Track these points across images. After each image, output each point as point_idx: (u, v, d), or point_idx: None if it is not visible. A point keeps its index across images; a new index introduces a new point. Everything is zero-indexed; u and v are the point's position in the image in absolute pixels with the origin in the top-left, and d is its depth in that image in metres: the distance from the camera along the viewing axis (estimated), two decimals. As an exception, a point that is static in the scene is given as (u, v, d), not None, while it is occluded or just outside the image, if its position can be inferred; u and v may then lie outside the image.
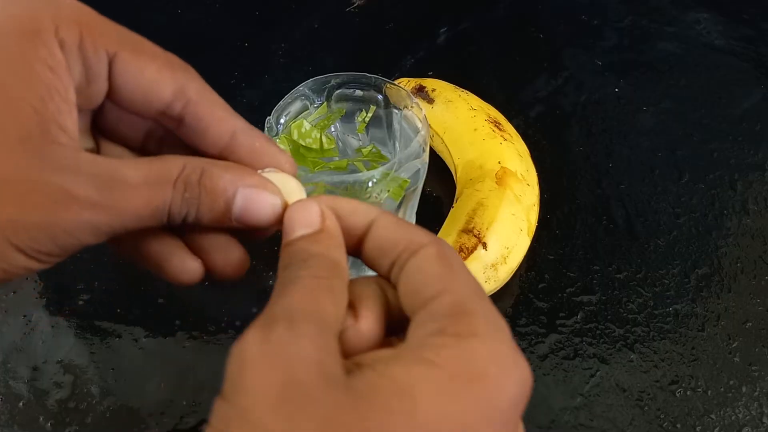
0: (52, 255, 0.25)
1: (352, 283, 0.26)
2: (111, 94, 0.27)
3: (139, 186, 0.25)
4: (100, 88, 0.27)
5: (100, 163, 0.25)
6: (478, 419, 0.22)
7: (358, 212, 0.27)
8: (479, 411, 0.22)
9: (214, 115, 0.28)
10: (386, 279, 0.27)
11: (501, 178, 0.48)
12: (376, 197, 0.38)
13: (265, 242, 0.52)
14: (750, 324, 0.47)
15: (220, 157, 0.28)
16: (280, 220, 0.28)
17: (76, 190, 0.24)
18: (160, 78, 0.27)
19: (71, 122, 0.25)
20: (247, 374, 0.22)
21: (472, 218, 0.46)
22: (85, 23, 0.26)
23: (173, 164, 0.26)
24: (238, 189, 0.27)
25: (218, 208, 0.27)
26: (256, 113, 0.61)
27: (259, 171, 0.28)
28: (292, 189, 0.28)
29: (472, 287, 0.25)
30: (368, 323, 0.25)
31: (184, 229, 0.29)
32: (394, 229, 0.27)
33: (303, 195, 0.29)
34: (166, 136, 0.30)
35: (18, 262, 0.25)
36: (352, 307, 0.26)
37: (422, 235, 0.26)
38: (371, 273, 0.28)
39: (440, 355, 0.23)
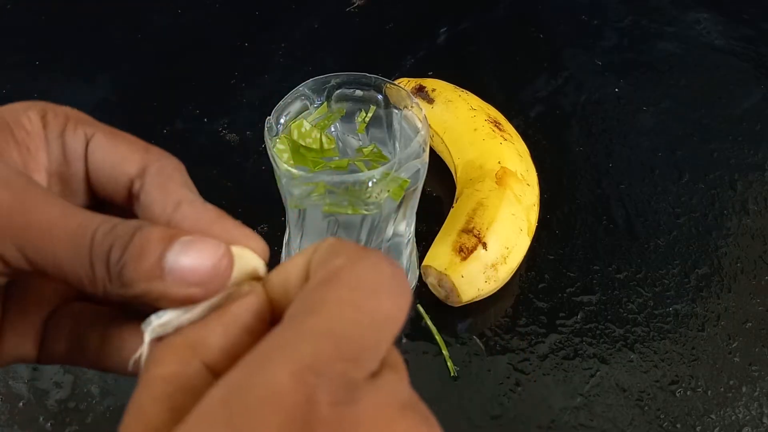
0: None
1: None
2: (87, 175, 0.27)
3: (60, 213, 0.23)
4: (78, 169, 0.27)
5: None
6: None
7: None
8: None
9: (163, 187, 0.26)
10: None
11: (501, 178, 0.48)
12: (376, 197, 0.38)
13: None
14: (750, 324, 0.47)
15: (161, 217, 0.25)
16: (221, 281, 0.23)
17: None
18: (129, 155, 0.27)
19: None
20: None
21: (472, 218, 0.46)
22: (72, 114, 0.27)
23: (97, 217, 0.23)
24: (174, 240, 0.23)
25: (144, 266, 0.22)
26: (256, 113, 0.61)
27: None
28: (246, 265, 0.24)
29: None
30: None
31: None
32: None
33: (260, 270, 0.25)
34: None
35: None
36: None
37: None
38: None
39: None
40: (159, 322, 0.23)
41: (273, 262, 0.50)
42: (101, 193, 0.27)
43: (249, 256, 0.24)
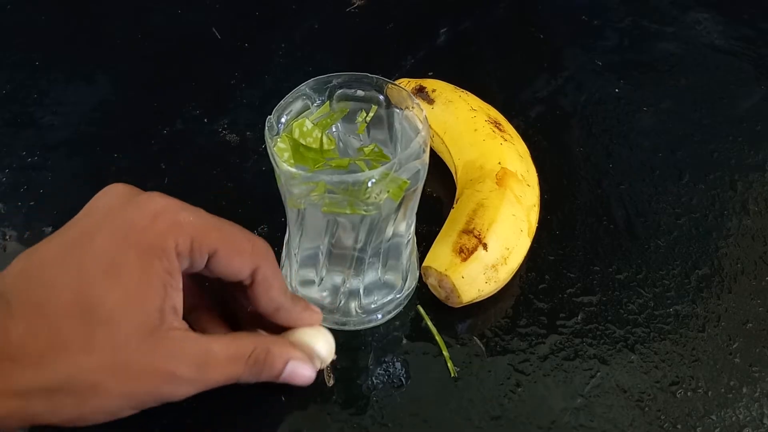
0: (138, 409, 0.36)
1: None
2: (206, 270, 0.38)
3: (223, 362, 0.37)
4: (199, 267, 0.37)
5: (198, 341, 0.36)
6: None
7: None
8: None
9: (269, 295, 0.39)
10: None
11: (501, 178, 0.48)
12: (375, 197, 0.38)
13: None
14: (750, 325, 0.47)
15: (265, 314, 0.40)
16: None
17: (180, 372, 0.35)
18: (242, 267, 0.38)
19: (179, 304, 0.36)
20: None
21: (473, 219, 0.46)
22: (196, 234, 0.36)
23: (247, 343, 0.38)
24: (288, 362, 0.39)
25: (273, 375, 0.39)
26: (256, 113, 0.61)
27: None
28: (320, 340, 0.41)
29: None
30: None
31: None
32: None
33: (330, 344, 0.42)
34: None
35: (127, 414, 0.36)
36: None
37: None
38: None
39: None
40: None
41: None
42: (213, 277, 0.39)
43: (321, 336, 0.42)
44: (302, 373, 0.40)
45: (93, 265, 0.34)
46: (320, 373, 0.44)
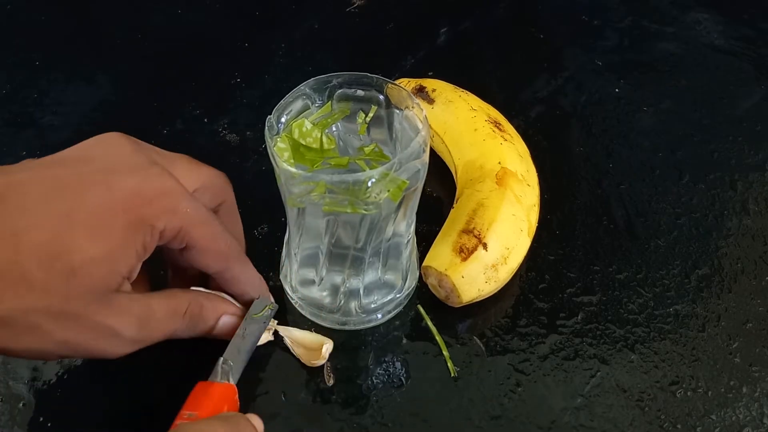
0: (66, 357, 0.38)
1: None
2: (179, 254, 0.40)
3: (162, 319, 0.38)
4: (172, 247, 0.39)
5: (140, 301, 0.37)
6: None
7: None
8: None
9: (231, 290, 0.43)
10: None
11: (501, 178, 0.48)
12: (375, 197, 0.38)
13: (263, 243, 0.52)
14: (750, 324, 0.47)
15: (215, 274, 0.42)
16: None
17: (123, 330, 0.36)
18: (210, 266, 0.40)
19: (136, 272, 0.37)
20: None
21: (473, 218, 0.46)
22: (185, 226, 0.37)
23: (183, 299, 0.40)
24: (220, 316, 0.41)
25: (206, 329, 0.41)
26: (256, 113, 0.61)
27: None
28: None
29: None
30: None
31: None
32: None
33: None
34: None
35: (50, 359, 0.39)
36: None
37: None
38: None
39: None
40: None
41: (273, 261, 0.50)
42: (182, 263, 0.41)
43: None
44: (233, 325, 0.42)
45: (81, 215, 0.34)
46: (320, 372, 0.44)
